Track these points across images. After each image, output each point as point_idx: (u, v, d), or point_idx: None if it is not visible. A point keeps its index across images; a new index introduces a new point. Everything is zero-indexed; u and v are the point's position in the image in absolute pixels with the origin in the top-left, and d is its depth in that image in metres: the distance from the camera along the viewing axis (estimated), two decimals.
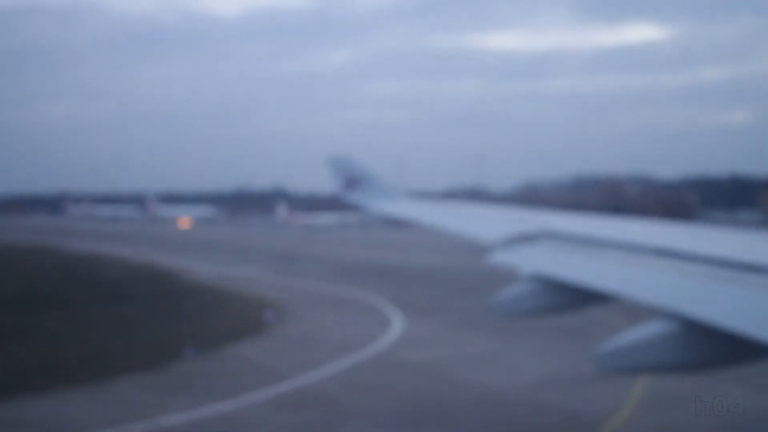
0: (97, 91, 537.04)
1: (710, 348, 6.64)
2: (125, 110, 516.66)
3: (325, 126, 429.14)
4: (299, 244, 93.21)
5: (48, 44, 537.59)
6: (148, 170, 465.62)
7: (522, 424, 18.64)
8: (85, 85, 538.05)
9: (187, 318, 34.57)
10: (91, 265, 63.40)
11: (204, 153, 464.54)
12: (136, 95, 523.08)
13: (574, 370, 23.68)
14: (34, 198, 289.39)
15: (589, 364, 22.21)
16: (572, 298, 9.13)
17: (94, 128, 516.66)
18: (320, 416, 19.23)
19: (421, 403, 20.36)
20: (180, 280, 51.69)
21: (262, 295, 42.03)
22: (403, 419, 18.90)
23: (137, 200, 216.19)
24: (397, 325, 32.49)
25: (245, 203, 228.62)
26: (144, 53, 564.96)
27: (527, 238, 10.81)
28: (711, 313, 6.44)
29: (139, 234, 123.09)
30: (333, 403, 20.36)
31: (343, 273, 55.22)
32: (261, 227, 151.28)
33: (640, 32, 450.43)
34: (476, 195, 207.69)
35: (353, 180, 17.86)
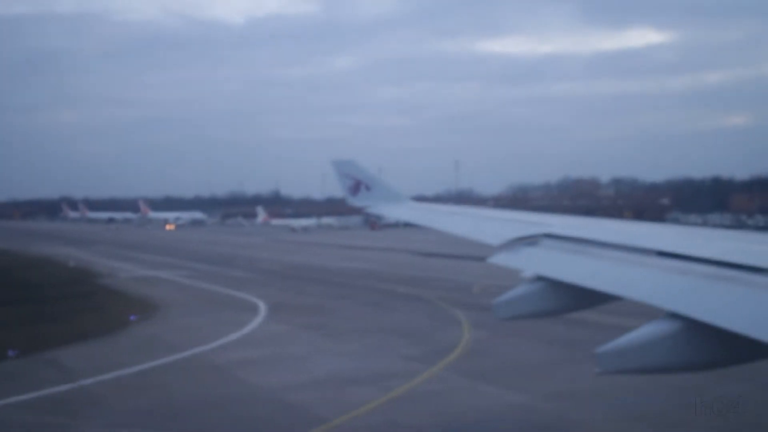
0: (105, 98, 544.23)
1: (711, 348, 6.75)
2: (132, 116, 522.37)
3: (328, 130, 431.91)
4: (253, 247, 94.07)
5: (57, 52, 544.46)
6: (154, 175, 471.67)
7: (244, 420, 18.97)
8: (93, 92, 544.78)
9: (58, 319, 35.25)
10: (26, 268, 64.51)
11: (209, 158, 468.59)
12: (143, 101, 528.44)
13: (361, 372, 24.00)
14: (41, 202, 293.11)
15: (389, 362, 22.56)
16: (574, 299, 9.31)
17: (100, 134, 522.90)
18: (61, 419, 19.58)
19: (173, 402, 20.72)
20: (92, 282, 52.62)
21: (155, 297, 42.69)
22: (140, 419, 19.28)
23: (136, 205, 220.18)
24: (251, 327, 32.86)
25: (240, 207, 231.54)
26: (151, 60, 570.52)
27: (529, 241, 10.95)
28: (712, 313, 6.51)
29: (110, 237, 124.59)
30: (88, 406, 20.64)
31: (261, 277, 55.73)
32: (237, 230, 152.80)
33: (641, 37, 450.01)
34: (465, 198, 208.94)
35: (359, 184, 18.15)
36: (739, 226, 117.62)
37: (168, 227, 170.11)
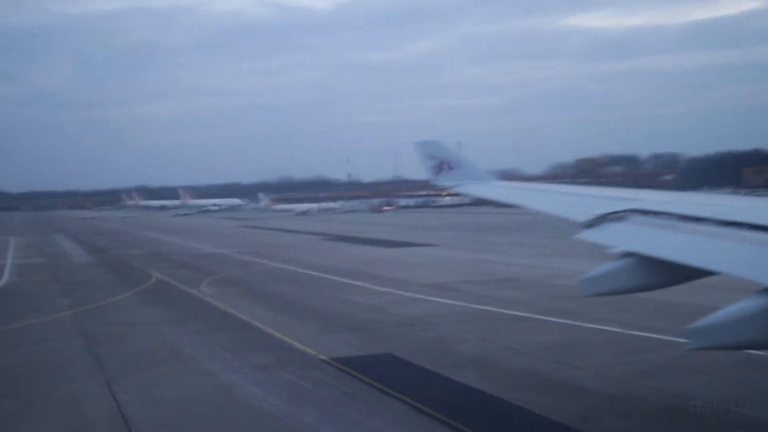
0: (193, 89, 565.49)
1: None
2: (219, 106, 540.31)
3: (411, 113, 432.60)
4: (194, 233, 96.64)
5: (149, 45, 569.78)
6: (227, 162, 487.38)
7: None
8: (182, 83, 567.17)
9: None
10: None
11: (287, 144, 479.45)
12: (231, 90, 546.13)
13: None
14: (117, 192, 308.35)
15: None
16: (666, 275, 9.21)
17: (187, 125, 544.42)
18: None
19: None
20: None
21: None
22: None
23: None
24: None
25: (288, 192, 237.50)
26: (238, 49, 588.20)
27: (616, 217, 10.84)
28: None
29: (91, 224, 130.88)
30: None
31: (91, 260, 57.81)
32: (241, 215, 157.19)
33: (735, 4, 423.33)
34: (508, 178, 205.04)
35: (442, 164, 17.90)
36: None
37: (174, 215, 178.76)
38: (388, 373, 18.49)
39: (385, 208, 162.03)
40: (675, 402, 15.52)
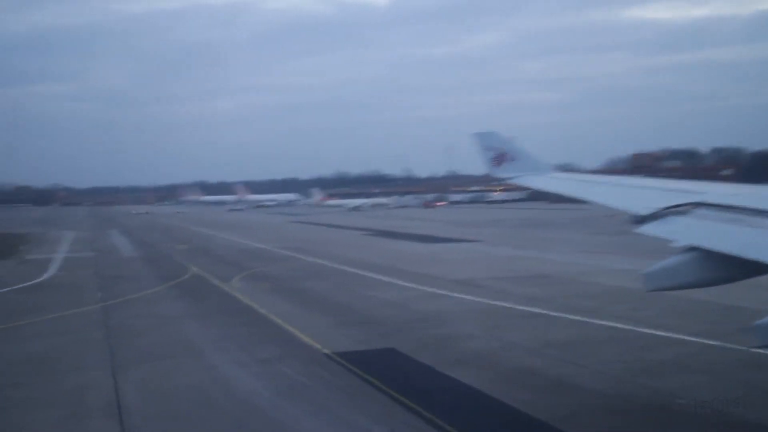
0: (251, 86, 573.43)
1: None
2: (276, 103, 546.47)
3: (467, 108, 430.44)
4: (233, 227, 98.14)
5: (210, 42, 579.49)
6: (285, 157, 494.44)
7: None
8: (241, 81, 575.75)
9: None
10: None
11: (344, 140, 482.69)
12: (288, 87, 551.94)
13: None
14: (175, 187, 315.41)
15: None
16: (732, 270, 8.99)
17: (245, 121, 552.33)
18: None
19: None
20: None
21: None
22: None
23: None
24: None
25: (343, 187, 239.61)
26: (298, 46, 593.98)
27: (679, 210, 10.62)
28: None
29: (145, 218, 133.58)
30: None
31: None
32: (293, 211, 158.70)
33: None
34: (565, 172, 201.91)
35: (502, 156, 17.85)
36: None
37: (227, 210, 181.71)
38: (386, 369, 18.58)
39: (437, 203, 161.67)
40: (668, 401, 15.17)
